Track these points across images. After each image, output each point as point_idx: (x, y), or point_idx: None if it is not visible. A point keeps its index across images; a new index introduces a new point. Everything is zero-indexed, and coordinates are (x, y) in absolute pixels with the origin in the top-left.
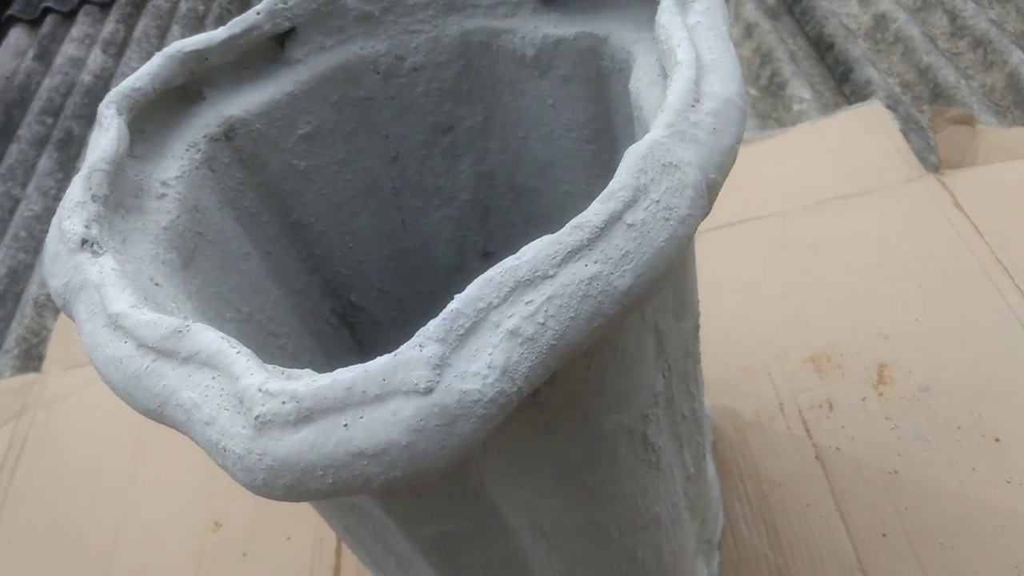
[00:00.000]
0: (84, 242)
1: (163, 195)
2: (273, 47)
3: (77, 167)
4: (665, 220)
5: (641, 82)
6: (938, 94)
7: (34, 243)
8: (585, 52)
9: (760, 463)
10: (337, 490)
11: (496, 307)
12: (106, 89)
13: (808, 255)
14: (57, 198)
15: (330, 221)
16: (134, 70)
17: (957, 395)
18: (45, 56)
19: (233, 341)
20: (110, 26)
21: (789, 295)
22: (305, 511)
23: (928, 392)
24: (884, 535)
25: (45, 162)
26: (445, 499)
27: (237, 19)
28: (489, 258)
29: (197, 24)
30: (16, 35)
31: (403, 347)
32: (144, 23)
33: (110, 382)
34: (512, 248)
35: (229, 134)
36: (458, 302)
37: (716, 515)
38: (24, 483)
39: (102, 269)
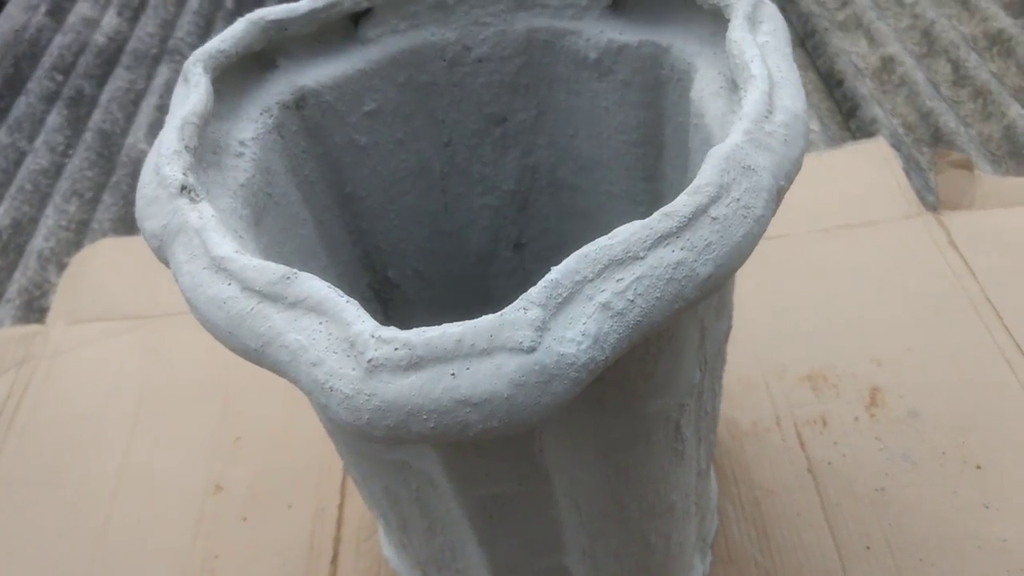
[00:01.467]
0: (183, 188)
1: (240, 154)
2: (347, 24)
3: (88, 126)
4: (744, 217)
5: (704, 92)
6: (938, 138)
7: (39, 197)
8: (646, 60)
9: (755, 471)
10: (436, 434)
11: (590, 281)
12: (119, 52)
13: (810, 278)
14: (66, 155)
15: (380, 197)
16: (149, 35)
17: (944, 422)
18: (57, 13)
19: (340, 291)
20: None
21: (790, 314)
22: (307, 481)
23: (917, 417)
24: (868, 547)
25: (54, 118)
26: (506, 461)
27: None
28: (521, 248)
29: None
30: None
31: (508, 308)
32: None
33: (210, 321)
34: (543, 241)
35: (300, 103)
36: (556, 273)
37: (713, 515)
38: (23, 431)
39: (202, 215)
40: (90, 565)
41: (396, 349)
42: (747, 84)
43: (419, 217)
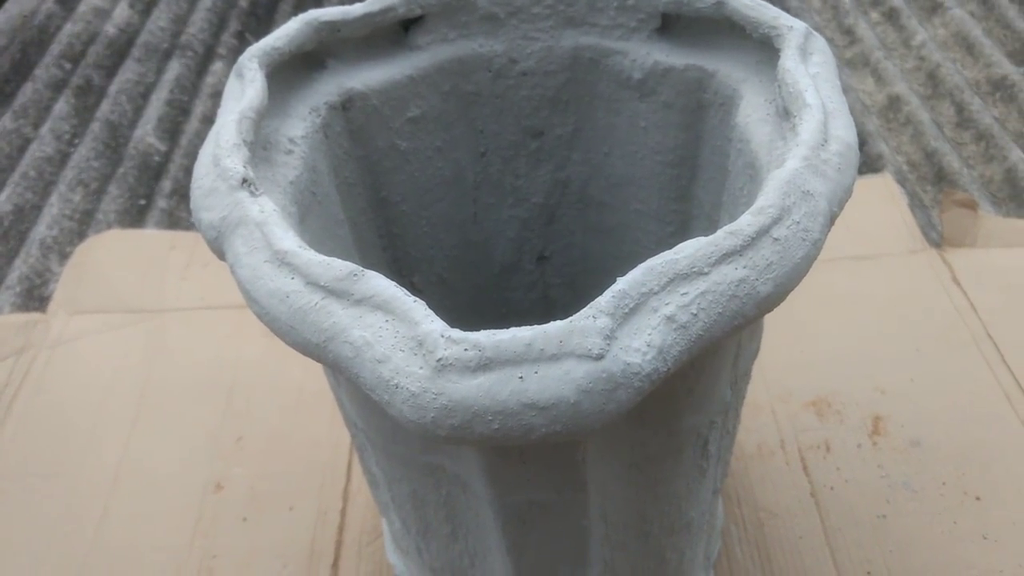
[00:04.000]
0: (244, 181)
1: (290, 151)
2: (397, 30)
3: (95, 116)
4: (802, 240)
5: (750, 118)
6: (942, 177)
7: (43, 184)
8: (691, 83)
9: (758, 493)
10: (499, 436)
11: (655, 294)
12: (130, 44)
13: (817, 307)
14: (72, 144)
15: (413, 203)
16: (161, 29)
17: (944, 453)
18: (67, 1)
19: (406, 291)
20: None
21: (797, 342)
22: (310, 483)
23: (918, 447)
24: (869, 573)
25: (61, 106)
26: (549, 468)
27: None
28: (544, 262)
29: None
30: None
31: (577, 316)
32: None
33: (269, 314)
34: (566, 255)
35: (346, 105)
36: (623, 284)
37: (717, 535)
38: (21, 419)
39: (263, 208)
40: (85, 559)
41: (466, 350)
42: (802, 113)
43: (449, 225)
